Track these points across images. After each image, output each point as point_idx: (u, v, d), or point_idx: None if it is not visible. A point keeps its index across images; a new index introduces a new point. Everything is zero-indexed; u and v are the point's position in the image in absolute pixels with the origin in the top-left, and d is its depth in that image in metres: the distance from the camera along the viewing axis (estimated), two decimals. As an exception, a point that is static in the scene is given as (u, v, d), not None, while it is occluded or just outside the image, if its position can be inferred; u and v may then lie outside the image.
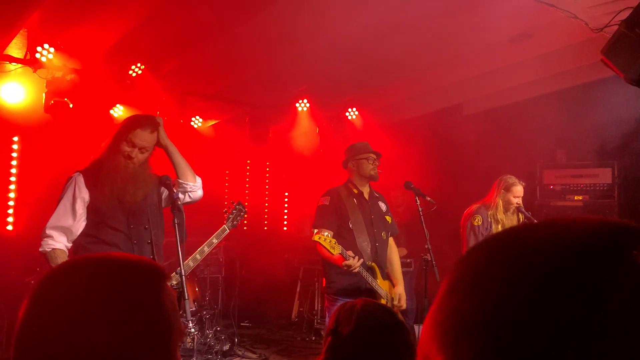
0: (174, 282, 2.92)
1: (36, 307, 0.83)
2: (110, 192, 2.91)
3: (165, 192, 3.01)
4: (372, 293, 3.73)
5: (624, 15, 2.91)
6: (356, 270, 3.49)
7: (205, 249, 3.10)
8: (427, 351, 0.53)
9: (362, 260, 3.54)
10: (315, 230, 3.49)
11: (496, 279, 0.51)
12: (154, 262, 0.94)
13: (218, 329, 6.21)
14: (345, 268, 3.47)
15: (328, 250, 3.44)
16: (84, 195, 2.87)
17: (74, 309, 0.81)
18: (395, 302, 3.90)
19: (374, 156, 4.02)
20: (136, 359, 0.81)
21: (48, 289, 0.85)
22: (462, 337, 0.50)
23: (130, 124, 2.96)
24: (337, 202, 3.93)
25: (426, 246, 3.84)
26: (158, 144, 3.11)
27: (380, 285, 3.81)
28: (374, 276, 3.77)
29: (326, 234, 3.47)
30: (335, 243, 3.42)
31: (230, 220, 3.40)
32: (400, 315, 1.64)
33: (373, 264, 3.82)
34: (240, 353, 6.19)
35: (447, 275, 0.56)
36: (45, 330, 0.80)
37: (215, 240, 3.21)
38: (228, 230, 3.34)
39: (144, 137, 2.94)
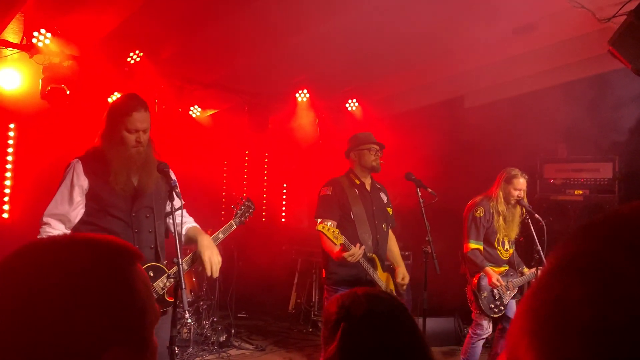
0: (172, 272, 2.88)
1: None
2: (125, 181, 2.85)
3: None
4: (372, 285, 3.71)
5: (632, 5, 2.85)
6: (356, 259, 3.45)
7: None
8: (516, 344, 0.45)
9: (363, 247, 3.50)
10: (319, 220, 3.44)
11: (619, 263, 0.42)
12: (125, 242, 0.89)
13: (215, 319, 6.18)
14: (348, 259, 3.42)
15: (331, 241, 3.40)
16: (82, 182, 2.83)
17: (38, 290, 0.76)
18: (399, 280, 3.88)
19: (377, 147, 3.97)
20: (109, 343, 0.76)
21: (11, 270, 0.79)
22: (565, 332, 0.42)
23: (124, 110, 2.87)
24: (339, 193, 3.89)
25: (427, 238, 3.80)
26: None
27: (380, 277, 3.79)
28: (374, 268, 3.75)
29: (329, 224, 3.44)
30: (338, 233, 3.39)
31: (238, 216, 3.34)
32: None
33: (374, 255, 3.80)
34: (236, 344, 6.17)
35: (552, 254, 0.47)
36: (5, 314, 0.75)
37: (221, 236, 3.16)
38: (235, 227, 3.29)
39: (141, 118, 2.88)
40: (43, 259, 0.81)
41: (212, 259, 2.91)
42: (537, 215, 4.52)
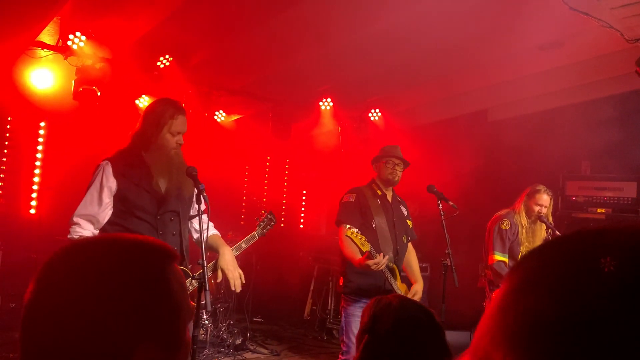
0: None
1: (41, 287, 0.83)
2: (166, 184, 2.93)
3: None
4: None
5: (661, 26, 2.85)
6: (381, 267, 3.47)
7: (234, 252, 3.13)
8: (487, 356, 0.51)
9: (387, 257, 3.53)
10: (348, 226, 3.47)
11: (578, 277, 0.48)
12: (162, 243, 0.93)
13: (231, 322, 6.24)
14: (372, 267, 3.44)
15: (358, 247, 3.43)
16: (111, 184, 2.88)
17: (79, 289, 0.81)
18: (410, 295, 3.89)
19: (396, 161, 4.00)
20: (142, 338, 0.81)
21: (53, 269, 0.85)
22: (538, 338, 0.47)
23: (169, 112, 2.95)
24: (361, 201, 3.93)
25: (446, 251, 3.81)
26: None
27: (400, 287, 3.81)
28: (394, 277, 3.77)
29: (357, 230, 3.45)
30: (365, 240, 3.41)
31: (260, 227, 3.45)
32: (436, 315, 1.60)
33: (394, 265, 3.82)
34: (252, 348, 6.22)
35: (510, 274, 0.54)
36: (50, 312, 0.80)
37: (244, 245, 3.25)
38: (257, 238, 3.39)
39: (184, 121, 2.99)
40: (83, 259, 0.86)
41: (235, 275, 2.99)
42: (558, 232, 4.50)
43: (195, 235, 3.14)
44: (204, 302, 2.69)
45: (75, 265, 0.85)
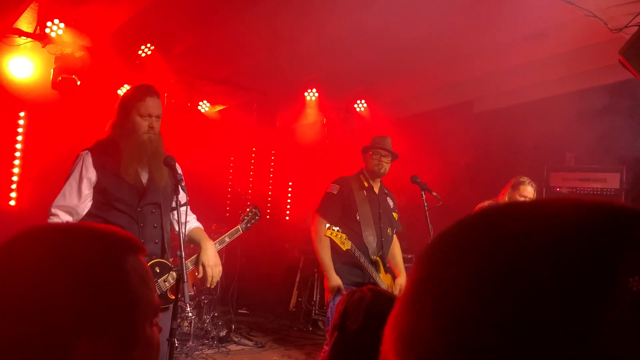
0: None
1: None
2: (135, 171, 2.86)
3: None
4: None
5: (645, 16, 2.84)
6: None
7: (217, 246, 3.09)
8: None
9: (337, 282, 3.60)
10: (327, 225, 3.47)
11: (461, 283, 0.40)
12: (127, 234, 0.88)
13: (216, 314, 6.20)
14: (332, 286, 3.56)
15: (339, 245, 3.45)
16: (90, 175, 2.82)
17: (25, 275, 0.77)
18: (396, 293, 3.89)
19: (383, 152, 3.98)
20: (88, 334, 0.76)
21: (3, 254, 0.81)
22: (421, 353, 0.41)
23: (138, 95, 2.88)
24: (346, 192, 3.91)
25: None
26: None
27: (383, 279, 3.80)
28: (377, 270, 3.77)
29: (337, 228, 3.46)
30: (345, 238, 3.42)
31: (244, 222, 3.40)
32: None
33: (377, 258, 3.81)
34: (236, 340, 6.19)
35: (410, 271, 0.47)
36: None
37: (227, 239, 3.21)
38: (241, 232, 3.35)
39: (154, 103, 2.89)
40: (35, 244, 0.82)
41: (214, 272, 2.94)
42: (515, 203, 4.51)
43: (177, 228, 3.10)
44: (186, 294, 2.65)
45: (24, 250, 0.81)
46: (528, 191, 4.66)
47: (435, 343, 0.39)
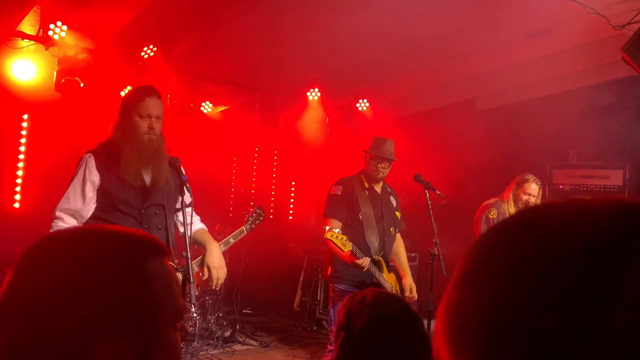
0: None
1: (16, 276, 0.81)
2: (135, 172, 2.85)
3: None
4: (378, 287, 3.72)
5: (648, 13, 2.84)
6: (365, 268, 3.51)
7: (222, 247, 3.09)
8: (438, 346, 0.51)
9: (368, 259, 3.56)
10: (327, 227, 3.46)
11: (500, 271, 0.47)
12: (149, 235, 0.89)
13: (220, 314, 6.22)
14: (357, 268, 3.49)
15: (339, 248, 3.42)
16: (94, 178, 2.82)
17: (49, 279, 0.78)
18: (407, 294, 3.90)
19: (382, 157, 3.94)
20: (110, 336, 0.77)
21: (29, 263, 0.82)
22: (466, 335, 0.47)
23: (137, 96, 2.88)
24: (349, 193, 3.91)
25: (434, 240, 3.81)
26: None
27: (386, 279, 3.80)
28: (380, 270, 3.77)
29: (337, 231, 3.45)
30: (346, 240, 3.40)
31: (249, 223, 3.41)
32: (412, 306, 1.58)
33: (380, 257, 3.81)
34: (241, 340, 6.20)
35: (457, 264, 0.53)
36: (21, 301, 0.78)
37: (232, 240, 3.21)
38: (246, 232, 3.35)
39: (154, 103, 2.88)
40: (58, 249, 0.83)
41: (219, 274, 2.95)
42: (546, 204, 4.51)
43: (182, 229, 3.10)
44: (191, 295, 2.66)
45: (48, 256, 0.82)
46: (532, 189, 4.66)
47: (477, 316, 0.46)
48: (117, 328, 0.78)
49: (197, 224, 3.17)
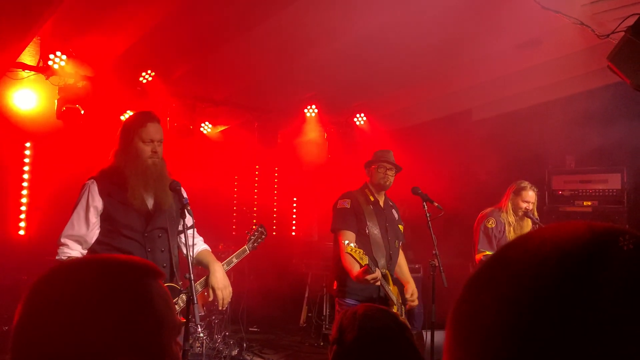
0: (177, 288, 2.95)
1: (29, 307, 0.87)
2: (141, 197, 2.92)
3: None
4: (385, 300, 3.74)
5: (631, 21, 2.91)
6: (378, 283, 3.51)
7: (225, 267, 3.14)
8: (445, 351, 0.57)
9: (379, 272, 3.56)
10: (346, 242, 3.48)
11: (496, 284, 0.54)
12: (143, 260, 0.97)
13: (227, 333, 6.23)
14: (371, 281, 3.46)
15: (357, 262, 3.42)
16: (97, 203, 2.88)
17: (64, 308, 0.85)
18: (408, 296, 3.91)
19: (387, 165, 4.03)
20: (125, 353, 0.84)
21: (40, 290, 0.89)
22: (469, 341, 0.53)
23: (138, 122, 2.96)
24: (355, 206, 3.94)
25: (433, 252, 3.84)
26: None
27: (392, 292, 3.83)
28: (387, 283, 3.79)
29: (354, 245, 3.45)
30: (363, 254, 3.40)
31: (251, 241, 3.45)
32: (402, 319, 1.63)
33: (386, 271, 3.84)
34: (248, 358, 6.21)
35: (471, 274, 0.60)
36: (38, 331, 0.84)
37: (235, 260, 3.25)
38: (248, 252, 3.39)
39: (156, 129, 2.97)
40: (67, 279, 0.90)
41: (224, 294, 2.99)
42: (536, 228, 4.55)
43: (185, 251, 3.15)
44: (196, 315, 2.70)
45: (59, 286, 0.89)
46: (530, 196, 4.70)
47: (484, 320, 0.53)
48: (129, 346, 0.85)
49: (200, 245, 3.22)
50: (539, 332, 0.48)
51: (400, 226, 4.21)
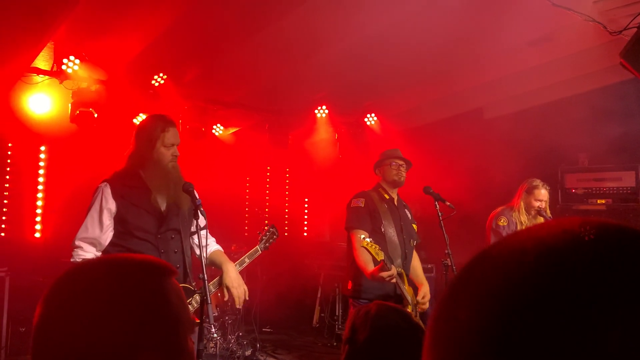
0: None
1: (49, 308, 0.90)
2: (167, 199, 2.97)
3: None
4: (400, 299, 3.73)
5: (643, 17, 2.89)
6: (394, 280, 3.49)
7: (237, 267, 3.16)
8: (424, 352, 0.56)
9: (395, 270, 3.55)
10: (362, 236, 3.46)
11: (477, 281, 0.52)
12: (158, 259, 1.00)
13: (240, 334, 6.26)
14: (387, 279, 3.44)
15: (373, 256, 3.42)
16: (110, 206, 2.91)
17: (83, 308, 0.87)
18: (420, 299, 3.90)
19: (399, 162, 4.04)
20: (146, 350, 0.87)
21: (59, 290, 0.92)
22: (449, 341, 0.52)
23: (160, 127, 3.00)
24: (370, 205, 3.94)
25: (446, 251, 3.83)
26: None
27: (408, 291, 3.82)
28: (402, 282, 3.78)
29: (370, 239, 3.44)
30: (379, 249, 3.40)
31: (263, 242, 3.48)
32: (414, 318, 1.63)
33: (402, 270, 3.82)
34: (262, 358, 6.23)
35: (448, 284, 0.59)
36: (58, 330, 0.87)
37: (247, 260, 3.28)
38: (260, 252, 3.42)
39: (176, 133, 3.04)
40: (85, 280, 0.93)
41: (239, 292, 3.03)
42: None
43: (198, 252, 3.18)
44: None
45: (78, 286, 0.91)
46: (543, 194, 4.67)
47: (462, 329, 0.51)
48: (148, 343, 0.88)
49: (213, 246, 3.25)
50: (515, 335, 0.47)
51: (414, 225, 4.20)
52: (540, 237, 0.51)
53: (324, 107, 6.93)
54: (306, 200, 9.11)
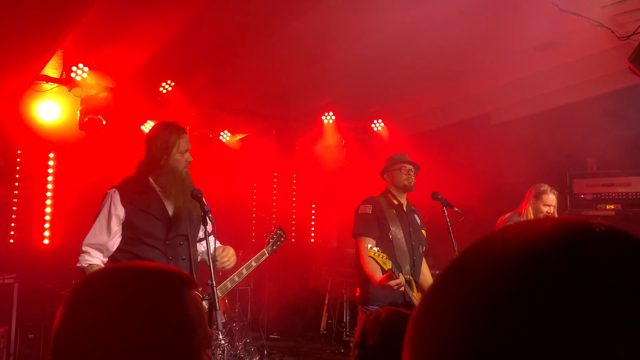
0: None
1: (69, 314, 0.90)
2: (175, 208, 3.01)
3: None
4: (409, 306, 3.70)
5: (652, 22, 2.88)
6: (402, 289, 3.46)
7: (244, 271, 3.16)
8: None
9: (403, 278, 3.52)
10: (369, 246, 3.43)
11: (453, 293, 0.50)
12: (178, 270, 1.00)
13: (248, 340, 6.25)
14: (395, 287, 3.41)
15: (380, 266, 3.39)
16: (119, 212, 2.92)
17: (103, 313, 0.88)
18: None
19: (409, 166, 4.01)
20: (165, 356, 0.87)
21: (80, 297, 0.92)
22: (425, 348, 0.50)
23: (175, 134, 3.05)
24: (378, 211, 3.89)
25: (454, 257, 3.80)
26: None
27: (417, 298, 3.79)
28: (411, 289, 3.74)
29: (377, 249, 3.41)
30: (386, 258, 3.36)
31: (270, 245, 3.47)
32: None
33: (411, 277, 3.79)
34: (269, 365, 6.22)
35: (432, 282, 0.57)
36: (78, 336, 0.87)
37: (254, 264, 3.28)
38: (267, 255, 3.40)
39: (188, 139, 3.10)
40: (107, 286, 0.94)
41: (228, 254, 3.10)
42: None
43: (206, 258, 3.18)
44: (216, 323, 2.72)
45: (100, 289, 0.93)
46: (551, 199, 4.64)
47: (448, 325, 0.48)
48: (164, 350, 0.88)
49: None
50: (503, 329, 0.44)
51: (423, 231, 4.15)
52: (529, 244, 0.49)
53: (330, 113, 6.94)
54: (313, 206, 9.11)
